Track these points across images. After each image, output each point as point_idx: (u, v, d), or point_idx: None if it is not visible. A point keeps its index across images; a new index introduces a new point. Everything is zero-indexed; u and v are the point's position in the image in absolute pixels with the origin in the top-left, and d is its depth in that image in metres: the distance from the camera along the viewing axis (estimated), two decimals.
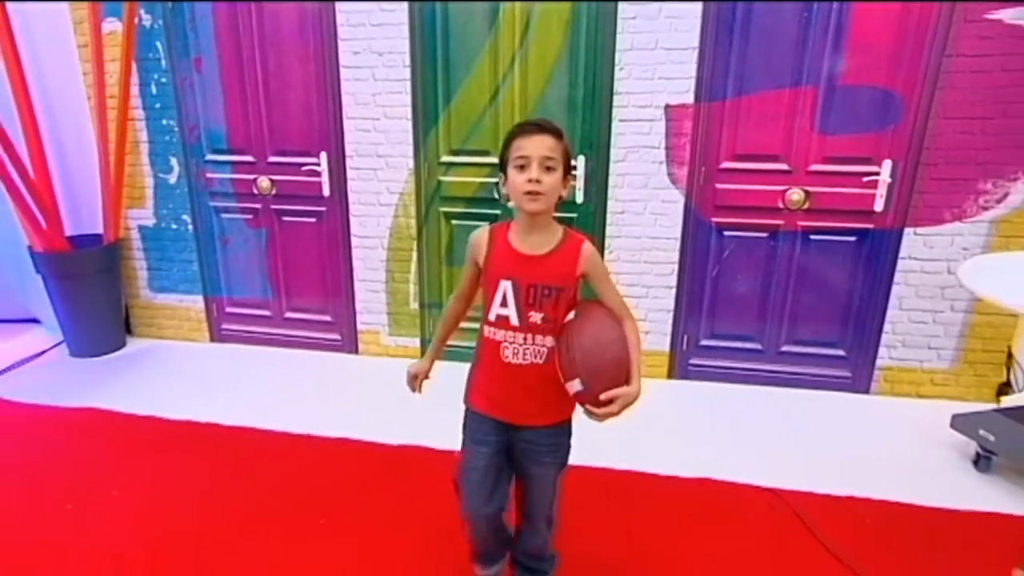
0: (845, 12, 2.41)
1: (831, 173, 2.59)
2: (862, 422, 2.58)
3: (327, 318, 3.28)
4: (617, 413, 1.20)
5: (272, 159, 3.07)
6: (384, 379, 2.96)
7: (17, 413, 2.65)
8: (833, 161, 2.58)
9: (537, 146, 1.19)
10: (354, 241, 3.09)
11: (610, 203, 2.76)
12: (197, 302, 3.37)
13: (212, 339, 3.43)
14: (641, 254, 2.79)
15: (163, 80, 3.03)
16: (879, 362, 2.75)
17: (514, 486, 1.43)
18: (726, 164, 2.68)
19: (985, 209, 2.47)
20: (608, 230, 2.78)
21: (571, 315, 1.25)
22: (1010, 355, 2.60)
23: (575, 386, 1.20)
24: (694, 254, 2.77)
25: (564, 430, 1.37)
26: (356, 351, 3.25)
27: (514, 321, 1.26)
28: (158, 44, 2.97)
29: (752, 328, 2.85)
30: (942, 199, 2.49)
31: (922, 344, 2.68)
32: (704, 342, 2.90)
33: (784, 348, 2.85)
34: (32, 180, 2.87)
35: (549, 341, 1.26)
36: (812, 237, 2.69)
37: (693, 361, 2.92)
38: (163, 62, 3.01)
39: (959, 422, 2.29)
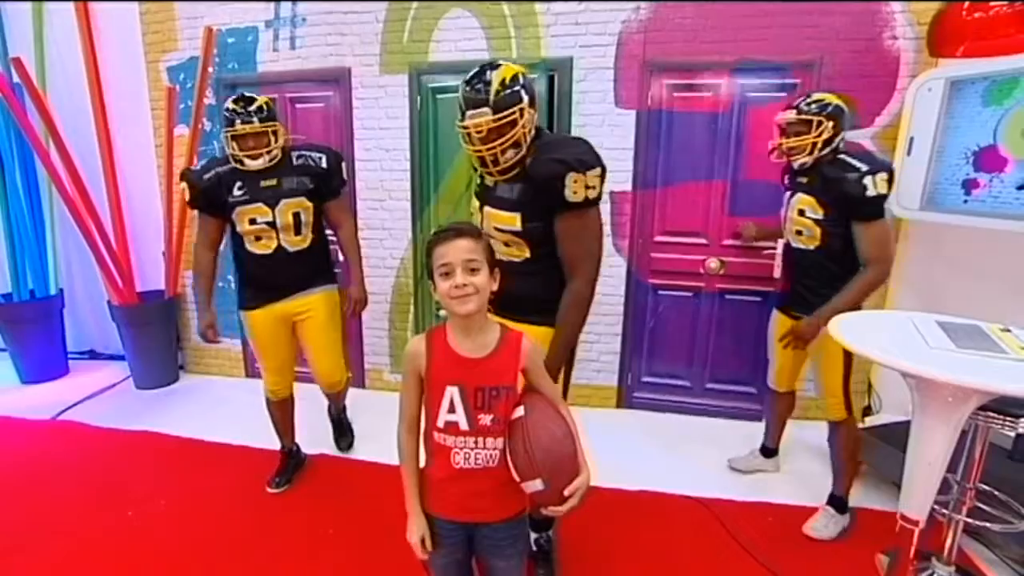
0: (742, 125, 2.76)
1: (739, 247, 2.87)
2: None
3: None
4: (577, 505, 1.11)
5: None
6: (386, 409, 3.05)
7: (92, 434, 2.89)
8: (740, 237, 2.80)
9: (458, 251, 1.10)
10: None
11: None
12: (236, 345, 3.63)
13: (247, 375, 3.67)
14: (594, 307, 2.96)
15: None
16: None
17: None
18: (658, 238, 2.99)
19: None
20: None
21: (520, 411, 1.13)
22: (870, 385, 2.90)
23: (535, 485, 1.09)
24: (635, 308, 3.09)
25: (522, 519, 1.27)
26: (364, 386, 3.51)
27: (464, 426, 1.13)
28: (215, 143, 3.36)
29: (682, 367, 3.11)
30: None
31: (808, 377, 2.88)
32: (645, 379, 3.17)
33: (708, 385, 3.11)
34: (114, 250, 3.28)
35: (500, 443, 1.14)
36: (727, 297, 2.96)
37: (636, 394, 3.20)
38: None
39: None
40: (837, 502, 2.15)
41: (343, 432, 2.77)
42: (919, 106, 2.44)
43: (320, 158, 2.22)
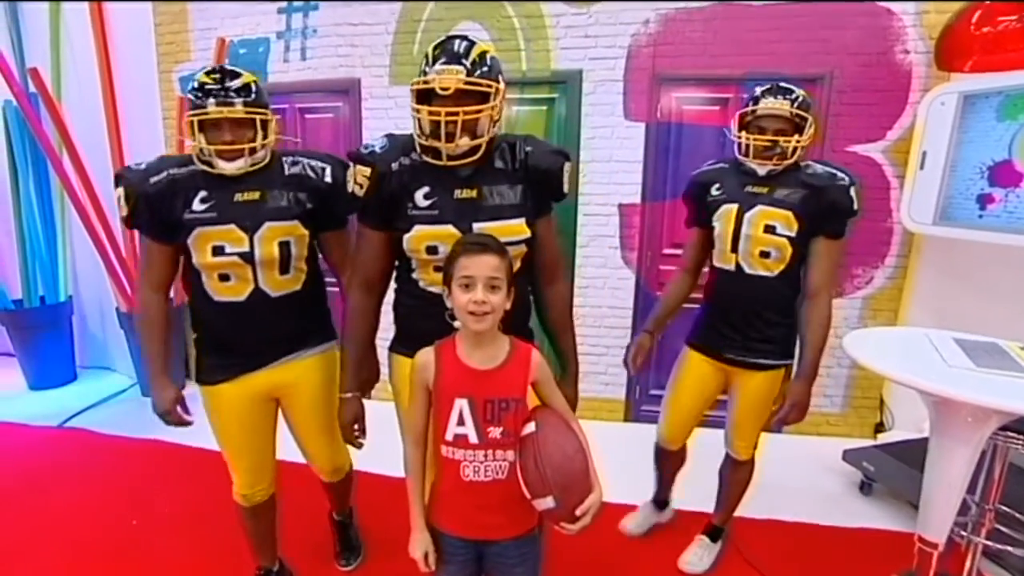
0: None
1: None
2: (777, 457, 2.66)
3: None
4: (590, 524, 1.08)
5: None
6: (388, 418, 3.02)
7: (98, 441, 2.88)
8: None
9: (482, 267, 1.07)
10: None
11: (577, 279, 3.05)
12: None
13: None
14: (602, 320, 3.07)
15: None
16: None
17: None
18: (667, 250, 2.98)
19: (858, 288, 2.80)
20: (576, 300, 3.03)
21: (531, 427, 1.10)
22: (882, 401, 2.86)
23: (546, 503, 1.06)
24: (643, 320, 3.01)
25: (533, 537, 1.22)
26: (368, 396, 3.44)
27: (473, 439, 1.11)
28: None
29: None
30: None
31: (819, 393, 2.88)
32: (653, 391, 3.13)
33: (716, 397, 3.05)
34: (123, 257, 3.28)
35: (510, 455, 1.12)
36: None
37: (644, 407, 3.16)
38: None
39: (848, 455, 2.53)
40: (715, 532, 2.04)
41: (349, 544, 2.04)
42: (932, 120, 2.42)
43: (323, 169, 1.54)
